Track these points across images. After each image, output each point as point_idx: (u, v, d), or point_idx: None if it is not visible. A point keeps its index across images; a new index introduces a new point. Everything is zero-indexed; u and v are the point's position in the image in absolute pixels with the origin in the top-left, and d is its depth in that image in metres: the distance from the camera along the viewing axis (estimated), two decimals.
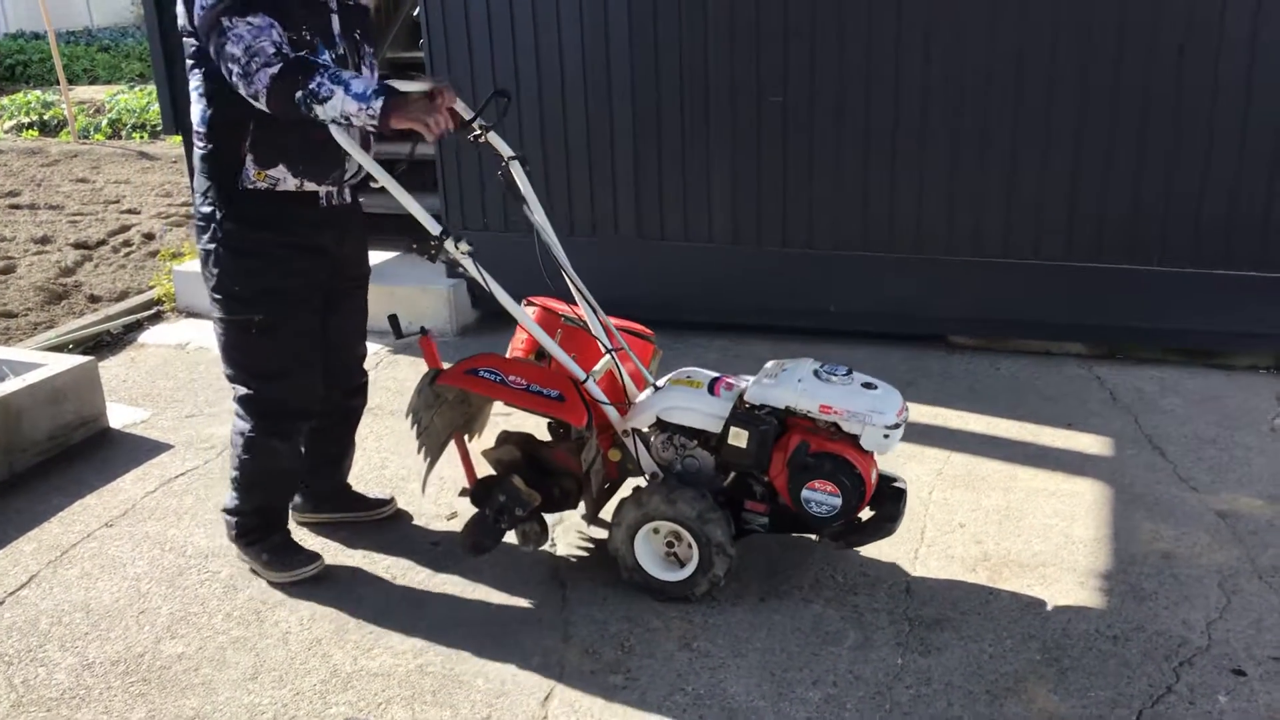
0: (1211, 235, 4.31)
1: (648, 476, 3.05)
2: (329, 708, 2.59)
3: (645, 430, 3.04)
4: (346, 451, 3.41)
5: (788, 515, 2.98)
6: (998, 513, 3.38)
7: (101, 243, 6.95)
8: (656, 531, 2.97)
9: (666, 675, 2.67)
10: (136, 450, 3.97)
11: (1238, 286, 4.36)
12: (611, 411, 2.97)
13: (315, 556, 3.15)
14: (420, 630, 2.86)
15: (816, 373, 2.94)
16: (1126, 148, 4.30)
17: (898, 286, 4.71)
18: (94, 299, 5.87)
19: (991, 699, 2.57)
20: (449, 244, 2.75)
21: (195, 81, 2.84)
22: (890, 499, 2.98)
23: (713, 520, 2.89)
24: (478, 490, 3.08)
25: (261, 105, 2.61)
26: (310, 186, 2.91)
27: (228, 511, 3.14)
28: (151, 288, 5.88)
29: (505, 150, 3.01)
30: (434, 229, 2.76)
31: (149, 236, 7.07)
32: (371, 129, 2.62)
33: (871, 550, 3.16)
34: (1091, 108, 4.29)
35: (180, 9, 2.74)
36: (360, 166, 2.86)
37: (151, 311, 5.53)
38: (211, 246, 2.89)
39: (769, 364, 3.05)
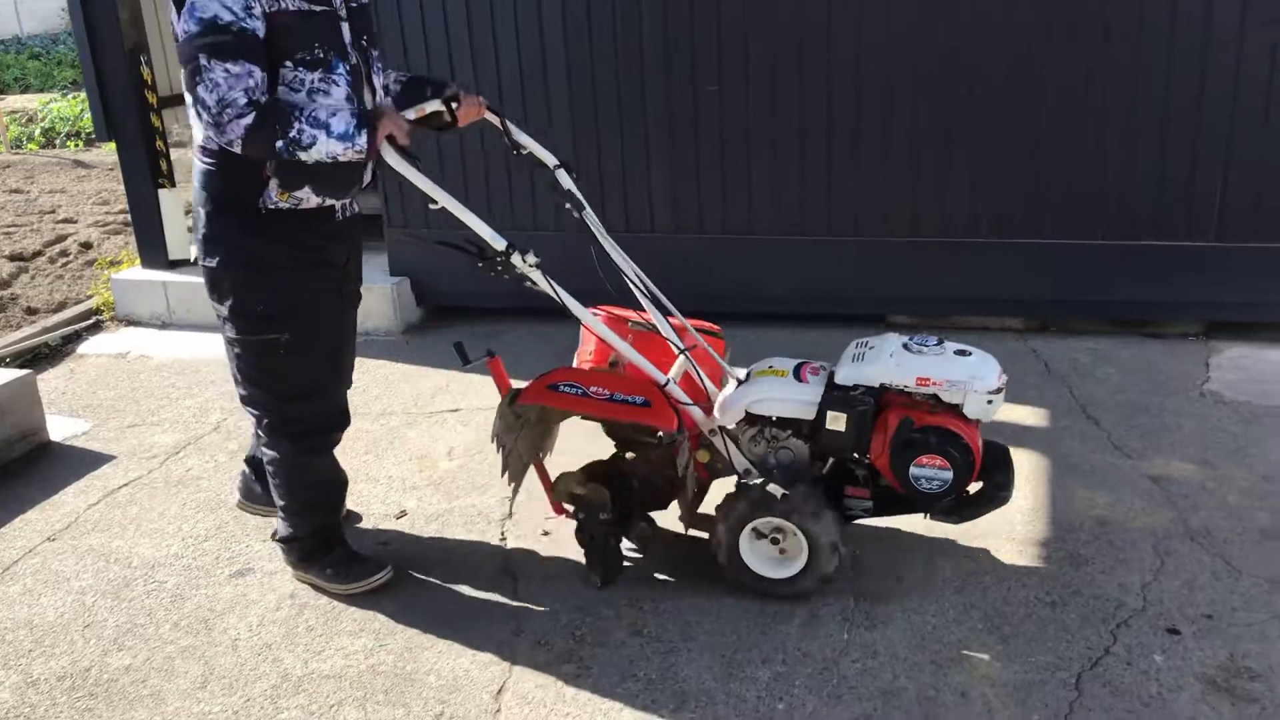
0: (1142, 208, 4.41)
1: (740, 474, 2.96)
2: (280, 713, 2.59)
3: (733, 427, 2.95)
4: None
5: (892, 497, 2.93)
6: None
7: (38, 254, 6.83)
8: (759, 530, 2.89)
9: (618, 662, 2.70)
10: (78, 463, 3.92)
11: (1168, 257, 4.46)
12: (696, 412, 2.87)
13: (383, 564, 3.07)
14: (371, 630, 2.87)
15: (906, 346, 2.87)
16: (1057, 129, 4.39)
17: (838, 269, 4.77)
18: (31, 311, 5.77)
19: (936, 668, 2.62)
20: (516, 258, 2.62)
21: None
22: (998, 466, 2.90)
23: (815, 512, 2.82)
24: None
25: (235, 150, 2.52)
26: (330, 202, 2.81)
27: (284, 541, 3.05)
28: (90, 297, 5.80)
29: (550, 159, 2.98)
30: (499, 244, 2.62)
31: (86, 246, 6.97)
32: (357, 159, 2.56)
33: None
34: (1022, 92, 4.37)
35: (173, 18, 2.57)
36: (369, 181, 2.86)
37: (90, 322, 5.45)
38: (227, 265, 2.74)
39: (850, 345, 2.96)
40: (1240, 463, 3.50)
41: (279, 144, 2.48)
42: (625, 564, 3.06)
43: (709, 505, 3.05)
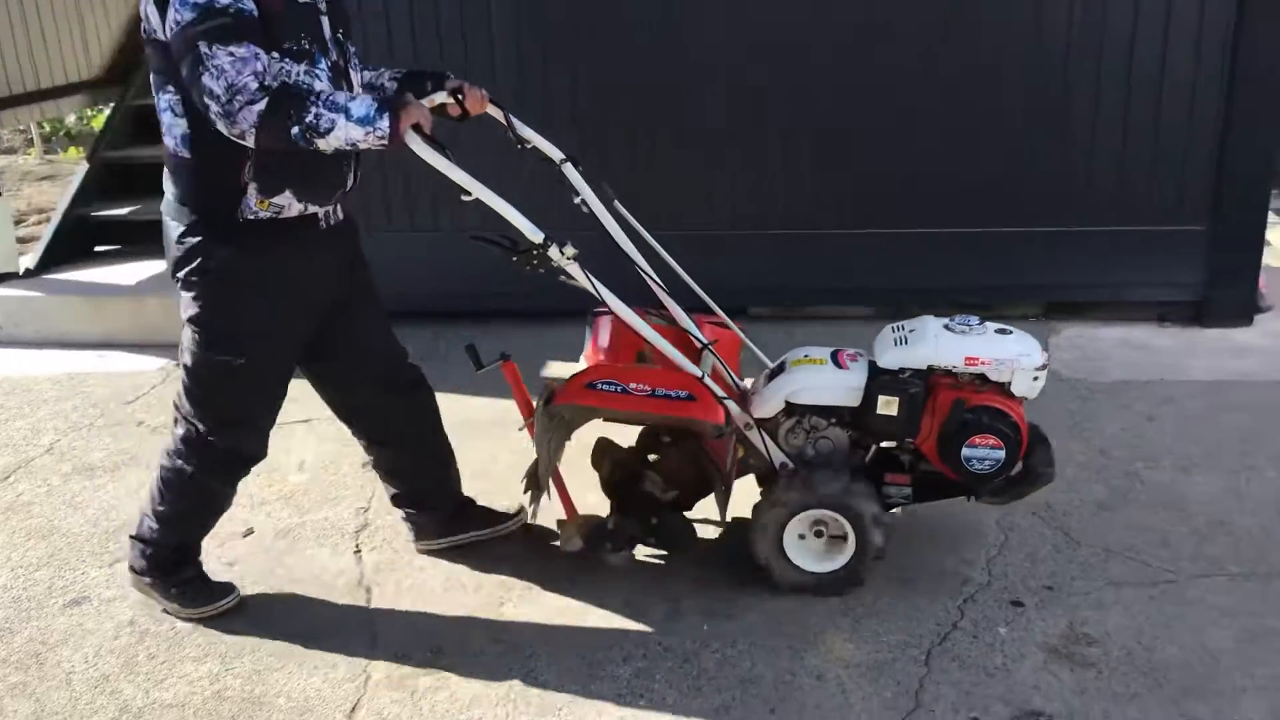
0: (984, 198, 4.57)
1: (777, 467, 2.88)
2: None
3: (770, 419, 2.89)
4: (448, 456, 3.14)
5: (933, 482, 2.91)
6: None
7: None
8: (801, 527, 2.83)
9: (477, 671, 2.65)
10: None
11: (1009, 243, 4.64)
12: (731, 405, 2.76)
13: (230, 588, 2.94)
14: (217, 654, 2.75)
15: (948, 326, 2.85)
16: (904, 125, 4.51)
17: (697, 264, 4.78)
18: None
19: (793, 653, 2.66)
20: (553, 251, 2.54)
21: (170, 96, 2.50)
22: (1040, 443, 2.89)
23: (863, 497, 2.78)
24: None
25: (247, 143, 2.36)
26: (312, 209, 2.65)
27: (140, 540, 2.89)
28: None
29: (555, 154, 2.90)
30: (535, 236, 2.53)
31: None
32: (379, 147, 2.41)
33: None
34: (871, 90, 4.48)
35: (149, 11, 2.42)
36: (356, 179, 2.71)
37: None
38: (198, 278, 2.60)
39: (886, 329, 2.94)
40: (1078, 437, 3.66)
41: (294, 130, 2.33)
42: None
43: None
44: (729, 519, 2.92)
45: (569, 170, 2.89)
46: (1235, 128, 4.23)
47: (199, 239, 2.57)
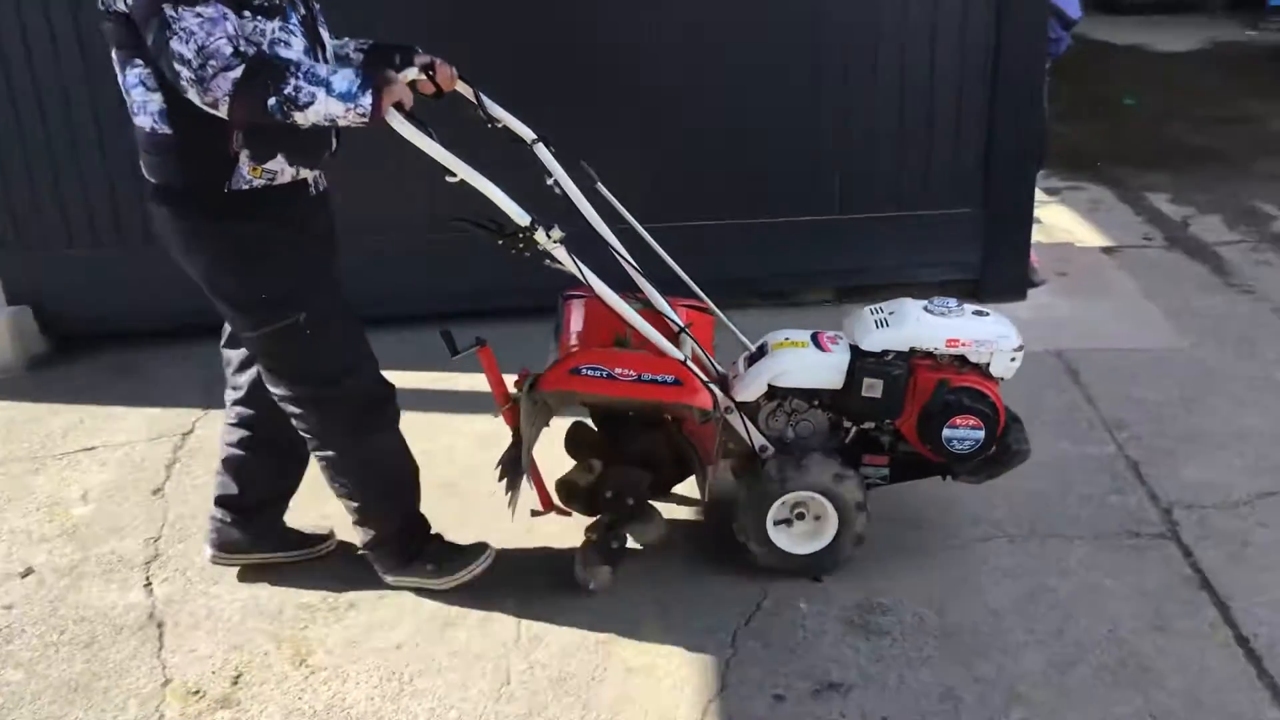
0: (776, 189, 4.69)
1: (757, 450, 2.85)
2: None
3: (751, 402, 2.87)
4: (300, 476, 3.01)
5: (910, 462, 2.95)
6: None
7: None
8: (783, 512, 2.84)
9: (281, 699, 2.56)
10: None
11: (802, 231, 4.79)
12: (714, 389, 2.74)
13: (483, 547, 2.91)
14: None
15: (928, 309, 2.86)
16: (693, 119, 4.57)
17: (505, 267, 4.71)
18: None
19: (603, 649, 2.67)
20: (539, 234, 2.48)
21: (139, 70, 2.35)
22: (1014, 421, 2.92)
23: (848, 480, 2.80)
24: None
25: (220, 113, 2.22)
26: (303, 174, 2.55)
27: (371, 547, 2.85)
28: None
29: (527, 133, 2.79)
30: (522, 219, 2.47)
31: None
32: (359, 125, 2.28)
33: (483, 529, 3.18)
34: (665, 88, 4.52)
35: None
36: (335, 147, 2.60)
37: None
38: (214, 260, 2.50)
39: (864, 312, 2.95)
40: None
41: (271, 102, 2.20)
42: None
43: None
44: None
45: (541, 151, 2.82)
46: (999, 119, 4.50)
47: (198, 218, 2.48)
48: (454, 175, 2.45)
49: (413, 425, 2.88)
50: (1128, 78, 9.09)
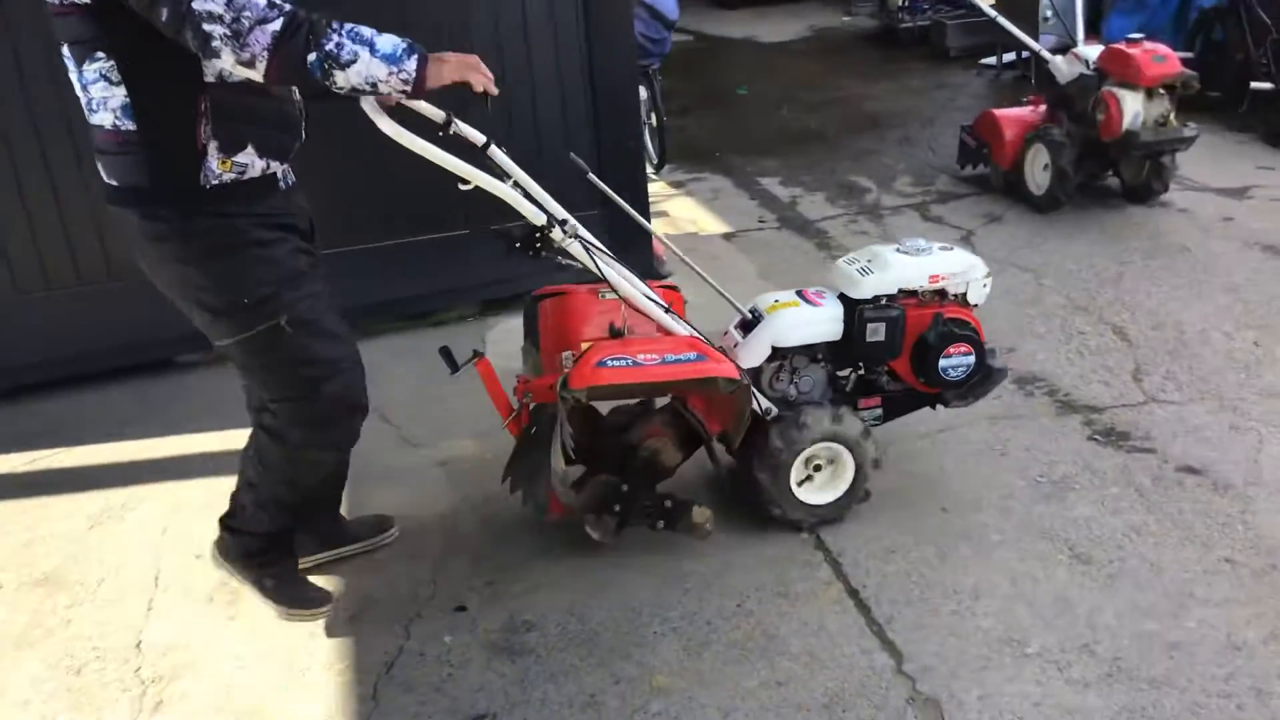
0: (409, 209, 4.60)
1: (763, 414, 2.91)
2: None
3: (755, 367, 2.96)
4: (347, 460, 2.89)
5: (900, 400, 3.15)
6: None
7: None
8: (801, 467, 2.94)
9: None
10: None
11: (439, 249, 4.72)
12: (734, 358, 2.82)
13: (327, 595, 2.83)
14: None
15: (900, 251, 3.04)
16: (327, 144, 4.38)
17: (118, 317, 4.35)
18: None
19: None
20: (556, 232, 2.51)
21: (100, 65, 2.20)
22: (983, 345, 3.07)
23: (848, 417, 2.94)
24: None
25: (255, 73, 2.11)
26: (273, 168, 2.41)
27: (235, 531, 2.78)
28: None
29: (479, 139, 2.69)
30: (538, 219, 2.50)
31: None
32: (400, 96, 2.23)
33: (104, 611, 2.91)
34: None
35: None
36: (304, 134, 2.50)
37: None
38: (185, 264, 2.35)
39: (840, 264, 3.10)
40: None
41: (312, 58, 2.11)
42: None
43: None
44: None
45: (495, 153, 2.72)
46: (603, 121, 4.64)
47: (168, 219, 2.32)
48: (467, 183, 2.46)
49: None
50: (741, 69, 9.70)
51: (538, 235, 2.58)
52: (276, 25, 2.09)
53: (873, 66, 9.43)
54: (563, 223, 2.59)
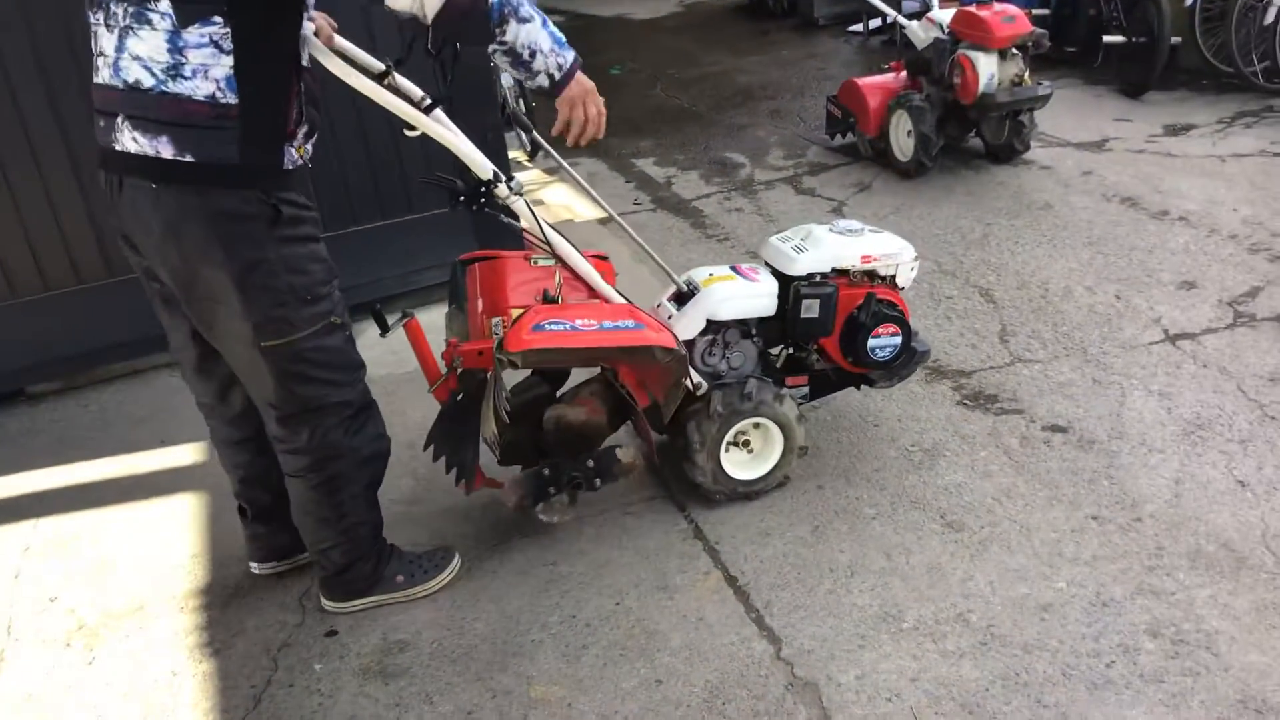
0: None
1: (694, 388, 2.88)
2: None
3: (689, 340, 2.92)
4: None
5: (827, 380, 3.18)
6: (91, 569, 3.12)
7: None
8: (731, 441, 2.96)
9: None
10: None
11: (353, 243, 4.54)
12: (671, 328, 2.78)
13: (448, 547, 2.91)
14: None
15: (834, 231, 3.06)
16: None
17: None
18: None
19: None
20: (501, 187, 2.49)
21: (211, 31, 2.05)
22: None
23: (786, 399, 2.95)
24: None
25: (427, 11, 2.09)
26: (309, 154, 2.34)
27: (336, 575, 2.72)
28: None
29: (416, 93, 2.65)
30: (485, 171, 2.46)
31: None
32: (544, 80, 2.30)
33: None
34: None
35: None
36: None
37: None
38: (267, 249, 2.23)
39: (773, 241, 3.10)
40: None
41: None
42: None
43: None
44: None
45: (435, 113, 2.58)
46: (459, 115, 4.50)
47: (249, 200, 2.19)
48: (414, 129, 2.40)
49: None
50: (614, 47, 9.63)
51: (482, 189, 2.51)
52: None
53: (744, 39, 9.45)
54: (508, 179, 2.53)
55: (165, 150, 2.14)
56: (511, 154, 6.10)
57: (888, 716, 2.34)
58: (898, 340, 3.05)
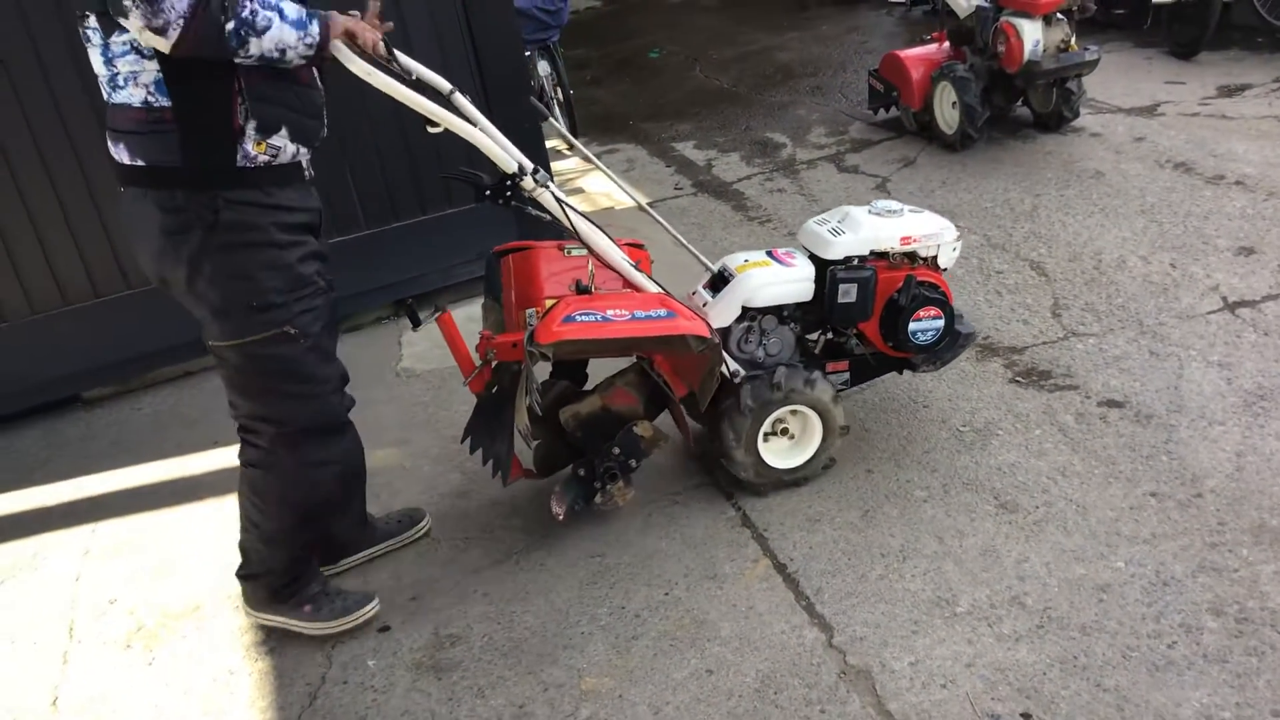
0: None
1: (730, 376, 2.83)
2: None
3: (724, 328, 2.87)
4: (364, 469, 2.86)
5: (868, 365, 3.09)
6: (149, 571, 3.17)
7: None
8: (768, 432, 2.90)
9: None
10: None
11: (340, 253, 4.57)
12: (704, 317, 2.71)
13: (369, 594, 2.78)
14: None
15: (873, 213, 2.96)
16: None
17: (20, 355, 4.18)
18: None
19: None
20: (528, 180, 2.47)
21: (129, 38, 2.11)
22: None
23: (820, 381, 2.88)
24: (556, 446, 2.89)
25: (162, 42, 2.02)
26: (301, 154, 2.36)
27: (253, 578, 2.69)
28: None
29: (444, 85, 2.63)
30: (510, 166, 2.45)
31: None
32: (304, 60, 2.19)
33: (18, 669, 2.80)
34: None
35: None
36: (324, 130, 2.42)
37: None
38: (201, 254, 2.24)
39: (810, 225, 3.03)
40: (431, 431, 3.71)
41: (230, 27, 2.04)
42: None
43: None
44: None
45: (459, 100, 2.63)
46: (494, 109, 4.50)
47: (196, 202, 2.21)
48: (436, 125, 2.39)
49: None
50: (651, 30, 9.56)
51: (508, 183, 2.50)
52: None
53: (782, 16, 9.33)
54: (534, 171, 2.51)
55: (124, 156, 2.25)
56: (550, 143, 6.09)
57: (943, 703, 2.30)
58: (940, 323, 2.98)
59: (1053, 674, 2.34)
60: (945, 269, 3.09)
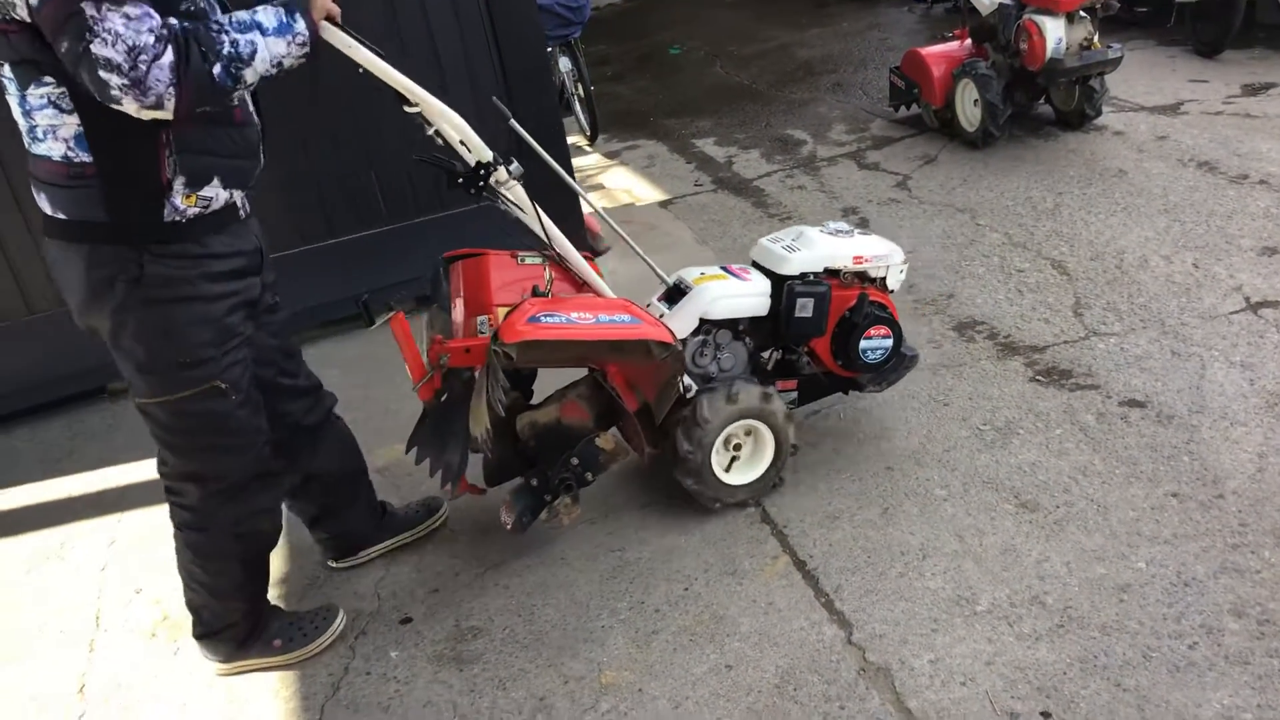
0: (328, 210, 4.49)
1: (683, 390, 2.80)
2: None
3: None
4: (361, 464, 2.93)
5: (816, 384, 3.11)
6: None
7: None
8: (723, 441, 2.87)
9: None
10: None
11: (360, 247, 4.61)
12: (667, 324, 2.72)
13: (331, 608, 2.77)
14: None
15: (825, 232, 3.01)
16: None
17: (45, 347, 4.23)
18: None
19: None
20: (500, 171, 2.44)
21: (49, 89, 2.03)
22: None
23: (773, 397, 2.88)
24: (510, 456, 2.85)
25: (164, 113, 1.95)
26: (235, 196, 2.28)
27: (211, 637, 2.63)
28: None
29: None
30: (485, 154, 2.43)
31: None
32: (303, 60, 2.13)
33: (45, 657, 2.83)
34: None
35: None
36: (260, 167, 2.34)
37: None
38: (124, 310, 2.16)
39: (764, 242, 3.05)
40: None
41: (217, 70, 1.98)
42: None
43: None
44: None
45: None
46: (518, 107, 4.52)
47: (121, 256, 2.13)
48: (413, 104, 2.35)
49: None
50: (672, 26, 9.56)
51: (482, 172, 2.47)
52: (169, 56, 1.92)
53: (803, 12, 9.31)
54: (508, 163, 2.48)
55: (46, 207, 2.17)
56: (571, 139, 6.11)
57: (962, 701, 2.31)
58: (889, 343, 3.02)
59: (1073, 673, 2.34)
60: (893, 290, 3.13)
